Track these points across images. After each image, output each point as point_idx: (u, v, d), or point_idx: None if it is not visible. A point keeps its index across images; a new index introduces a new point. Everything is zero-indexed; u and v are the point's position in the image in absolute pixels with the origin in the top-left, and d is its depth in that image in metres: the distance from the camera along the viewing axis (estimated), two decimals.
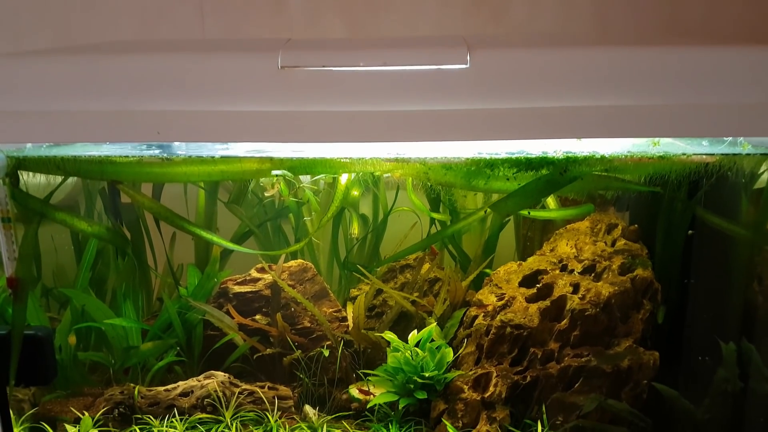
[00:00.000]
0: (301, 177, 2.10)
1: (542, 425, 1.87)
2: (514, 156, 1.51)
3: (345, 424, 2.05)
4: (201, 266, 2.43)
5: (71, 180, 2.06)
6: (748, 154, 1.46)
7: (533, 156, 1.50)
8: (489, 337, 2.05)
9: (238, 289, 2.35)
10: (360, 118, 1.35)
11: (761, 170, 1.78)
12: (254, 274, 2.39)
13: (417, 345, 2.14)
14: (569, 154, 1.49)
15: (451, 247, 2.45)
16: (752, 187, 1.81)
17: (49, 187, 1.83)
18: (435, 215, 2.27)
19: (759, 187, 1.81)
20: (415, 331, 2.19)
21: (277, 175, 1.59)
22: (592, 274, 2.06)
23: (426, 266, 2.49)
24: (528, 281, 2.16)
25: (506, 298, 2.12)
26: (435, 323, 2.22)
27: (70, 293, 2.13)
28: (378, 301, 2.59)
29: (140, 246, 2.37)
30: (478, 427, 1.93)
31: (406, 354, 2.10)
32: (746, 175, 1.77)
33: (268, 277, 2.38)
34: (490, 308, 2.12)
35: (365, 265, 2.43)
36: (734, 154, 1.47)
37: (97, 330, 2.30)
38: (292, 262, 2.43)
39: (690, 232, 1.91)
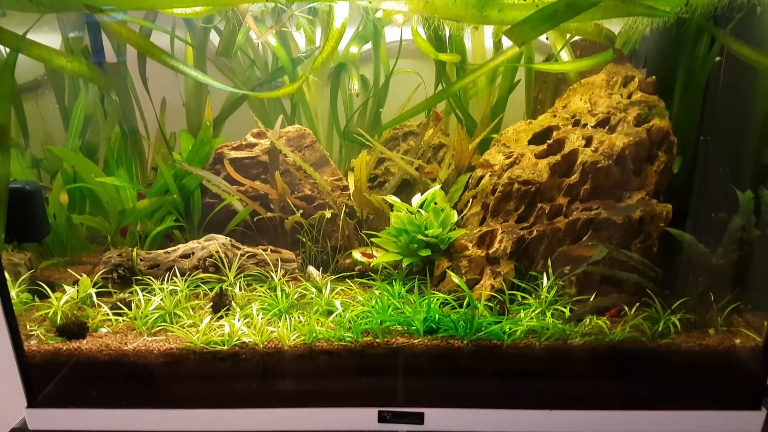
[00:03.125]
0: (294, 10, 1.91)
1: (547, 277, 1.84)
2: None
3: (349, 282, 2.03)
4: (194, 133, 2.33)
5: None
6: None
7: None
8: (495, 195, 1.99)
9: (234, 154, 2.26)
10: None
11: None
12: (251, 139, 2.29)
13: (420, 208, 2.08)
14: None
15: (458, 110, 2.32)
16: None
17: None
18: (443, 56, 2.11)
19: None
20: (419, 195, 2.12)
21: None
22: (606, 127, 1.96)
23: (430, 131, 2.39)
24: (539, 139, 2.06)
25: (514, 156, 2.03)
26: (439, 187, 2.14)
27: (59, 152, 2.04)
28: (380, 171, 2.50)
29: (130, 112, 2.25)
30: (482, 281, 1.91)
31: (410, 215, 2.05)
32: None
33: (265, 143, 2.28)
34: (497, 168, 2.04)
35: (366, 132, 2.32)
36: None
37: (91, 197, 2.23)
38: (290, 128, 2.32)
39: (717, 59, 1.78)
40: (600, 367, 1.75)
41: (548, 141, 2.00)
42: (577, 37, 2.12)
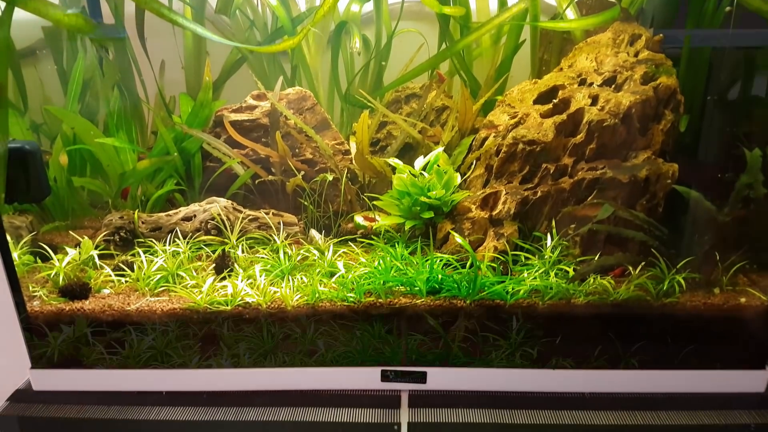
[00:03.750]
0: None
1: (551, 238, 1.83)
2: None
3: (351, 245, 2.02)
4: (193, 95, 2.30)
5: None
6: None
7: None
8: (499, 156, 1.96)
9: (234, 117, 2.23)
10: None
11: None
12: (251, 101, 2.26)
13: (423, 170, 2.06)
14: None
15: (462, 71, 2.28)
16: None
17: None
18: (447, 9, 2.05)
19: None
20: (422, 158, 2.10)
21: None
22: (613, 86, 1.92)
23: (433, 93, 2.35)
24: (544, 98, 2.02)
25: (519, 116, 2.00)
26: (442, 150, 2.12)
27: (58, 112, 2.01)
28: (382, 135, 2.47)
29: (129, 75, 2.22)
30: (485, 243, 1.90)
31: (412, 177, 2.03)
32: None
33: (265, 105, 2.25)
34: (501, 128, 2.01)
35: (368, 94, 2.29)
36: None
37: (91, 160, 2.21)
38: (291, 90, 2.28)
39: (728, 8, 1.74)
40: (604, 326, 1.75)
41: (554, 100, 1.96)
42: None
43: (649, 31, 2.09)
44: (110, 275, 1.84)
